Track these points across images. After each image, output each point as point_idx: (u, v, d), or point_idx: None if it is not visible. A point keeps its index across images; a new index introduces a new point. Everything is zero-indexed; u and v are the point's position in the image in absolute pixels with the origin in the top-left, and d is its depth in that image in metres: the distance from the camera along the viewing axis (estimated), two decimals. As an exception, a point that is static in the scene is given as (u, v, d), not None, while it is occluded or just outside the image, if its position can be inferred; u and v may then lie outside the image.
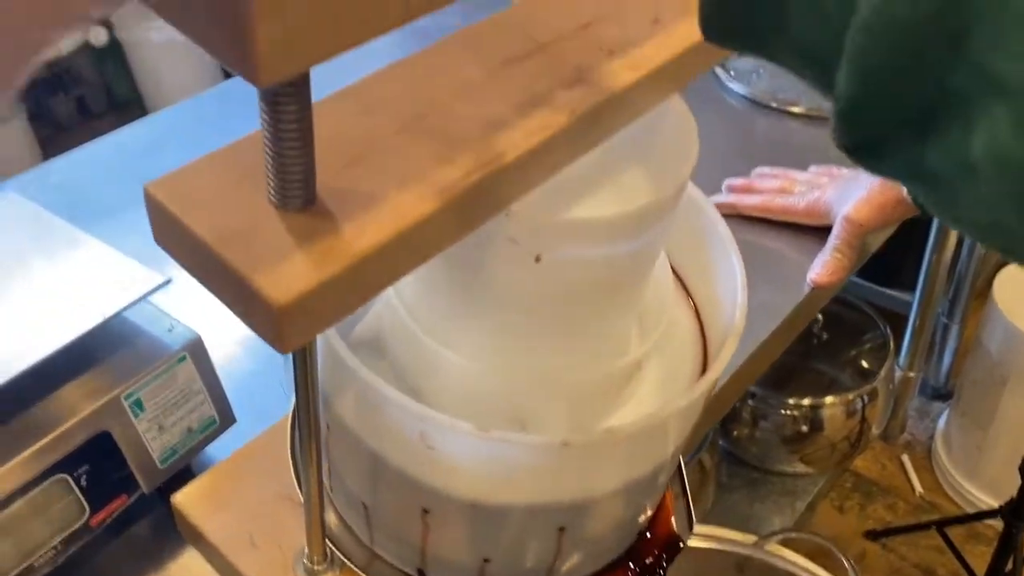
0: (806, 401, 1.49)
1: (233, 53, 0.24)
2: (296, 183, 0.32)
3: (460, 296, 0.43)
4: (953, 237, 1.56)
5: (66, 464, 0.59)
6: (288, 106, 0.29)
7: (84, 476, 0.60)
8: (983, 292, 1.67)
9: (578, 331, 0.45)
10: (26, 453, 0.57)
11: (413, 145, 0.36)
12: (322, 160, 0.33)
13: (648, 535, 0.54)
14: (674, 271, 0.53)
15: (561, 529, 0.47)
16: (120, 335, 0.63)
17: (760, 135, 1.04)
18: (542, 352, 0.45)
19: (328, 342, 0.43)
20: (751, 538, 0.75)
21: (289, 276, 0.31)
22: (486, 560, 0.49)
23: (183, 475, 0.65)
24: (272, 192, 0.32)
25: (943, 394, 1.89)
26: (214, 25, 0.24)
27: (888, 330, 1.60)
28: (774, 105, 1.06)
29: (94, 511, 0.61)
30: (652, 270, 0.46)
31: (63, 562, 0.60)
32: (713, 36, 0.28)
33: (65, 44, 2.39)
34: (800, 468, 1.55)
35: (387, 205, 0.33)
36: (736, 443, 1.56)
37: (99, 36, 2.40)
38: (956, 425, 1.72)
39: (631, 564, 0.55)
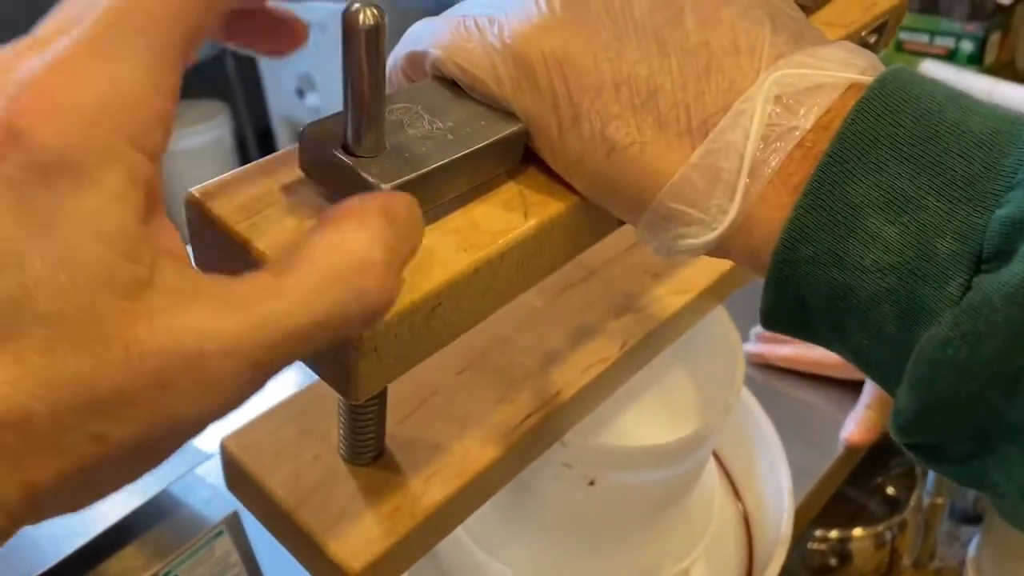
0: (833, 534, 1.46)
1: (333, 380, 0.25)
2: (368, 443, 0.32)
3: (513, 512, 0.44)
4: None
5: (103, 647, 0.58)
6: (371, 404, 0.30)
7: (120, 658, 0.59)
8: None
9: (627, 546, 0.45)
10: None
11: (474, 386, 0.37)
12: (389, 405, 0.34)
13: None
14: (723, 467, 0.54)
15: None
16: (160, 509, 0.63)
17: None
18: (591, 568, 0.44)
19: None
20: None
21: (362, 541, 0.31)
22: None
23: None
24: (343, 449, 0.33)
25: (972, 517, 1.85)
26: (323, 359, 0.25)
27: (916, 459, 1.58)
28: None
29: None
30: (698, 481, 0.47)
31: None
32: (768, 327, 0.28)
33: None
34: (829, 600, 1.52)
35: (451, 456, 0.34)
36: None
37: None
38: (988, 555, 1.68)
39: None
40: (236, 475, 0.34)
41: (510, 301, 0.28)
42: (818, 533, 1.47)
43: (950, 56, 1.37)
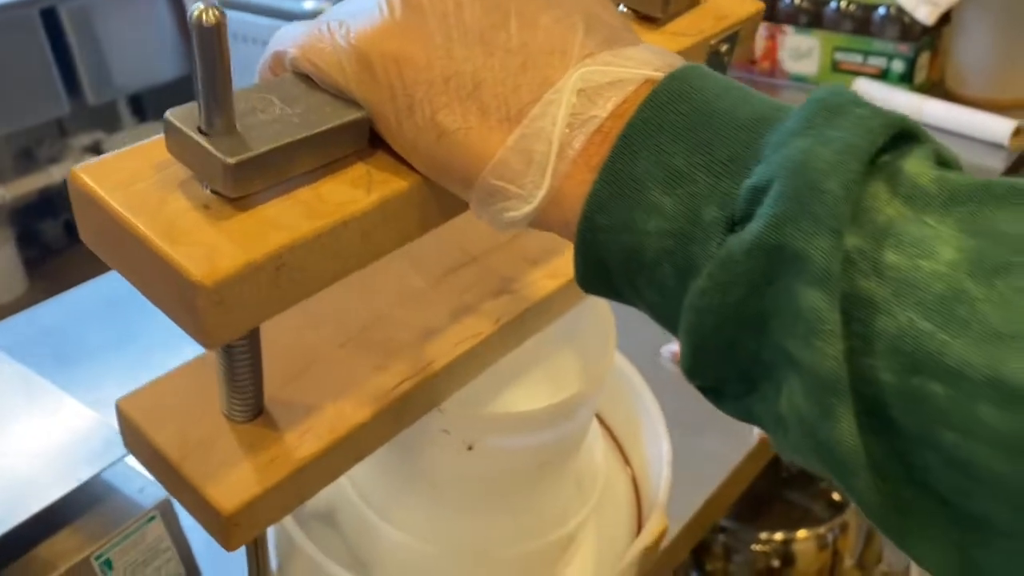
0: (778, 536, 1.50)
1: (187, 325, 0.28)
2: (247, 401, 0.36)
3: (400, 477, 0.47)
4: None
5: (35, 625, 0.61)
6: (240, 352, 0.33)
7: (52, 636, 0.62)
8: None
9: (512, 508, 0.49)
10: (-5, 616, 0.59)
11: (353, 357, 0.41)
12: (269, 373, 0.37)
13: None
14: (612, 436, 0.58)
15: None
16: (93, 495, 0.66)
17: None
18: (478, 529, 0.48)
19: (287, 535, 0.47)
20: None
21: (237, 487, 0.35)
22: None
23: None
24: (225, 406, 0.37)
25: (917, 523, 1.90)
26: (170, 302, 0.29)
27: (856, 462, 1.63)
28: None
29: (60, 670, 0.63)
30: (582, 444, 0.51)
31: None
32: (585, 290, 0.33)
33: (57, 172, 2.47)
34: (774, 602, 1.56)
35: (325, 415, 0.38)
36: (709, 576, 1.57)
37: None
38: (929, 556, 1.73)
39: None
40: (131, 434, 0.37)
41: (362, 267, 0.32)
42: (763, 536, 1.51)
43: (882, 75, 1.43)
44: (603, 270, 0.31)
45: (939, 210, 0.27)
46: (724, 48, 0.46)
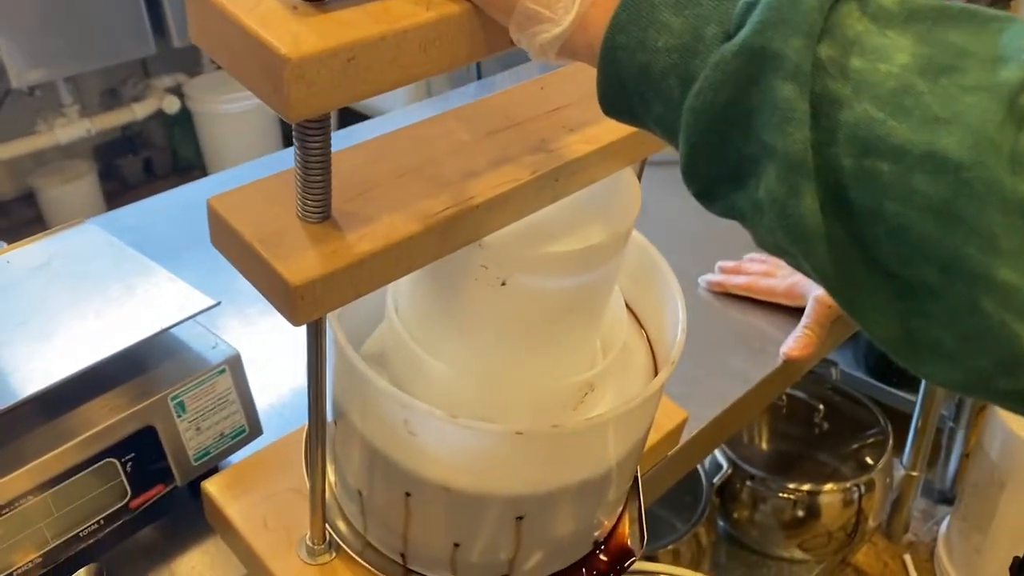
0: (805, 487, 1.55)
1: (273, 100, 0.35)
2: (317, 201, 0.43)
3: (442, 311, 0.54)
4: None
5: (115, 450, 0.69)
6: (314, 139, 0.40)
7: (130, 463, 0.70)
8: (988, 399, 1.73)
9: (539, 348, 0.55)
10: (84, 436, 0.67)
11: (407, 185, 0.47)
12: (338, 191, 0.44)
13: (604, 546, 0.63)
14: (631, 310, 0.64)
15: (519, 518, 0.56)
16: (172, 348, 0.75)
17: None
18: (508, 364, 0.55)
19: (339, 347, 0.54)
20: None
21: (303, 266, 0.42)
22: (456, 545, 0.58)
23: (211, 475, 0.75)
24: (299, 208, 0.44)
25: (949, 498, 1.93)
26: (261, 80, 0.36)
27: (889, 427, 1.67)
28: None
29: (134, 495, 0.71)
30: (607, 303, 0.57)
31: (102, 538, 0.70)
32: (606, 113, 0.39)
33: (140, 110, 2.59)
34: (797, 555, 1.60)
35: (380, 225, 0.45)
36: (736, 525, 1.62)
37: (172, 105, 2.61)
38: (957, 529, 1.76)
39: (585, 570, 0.63)
40: (217, 227, 0.45)
41: (419, 78, 0.39)
42: (791, 485, 1.56)
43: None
44: (621, 88, 0.37)
45: (900, 26, 0.32)
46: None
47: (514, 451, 0.52)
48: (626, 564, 0.64)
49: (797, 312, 0.96)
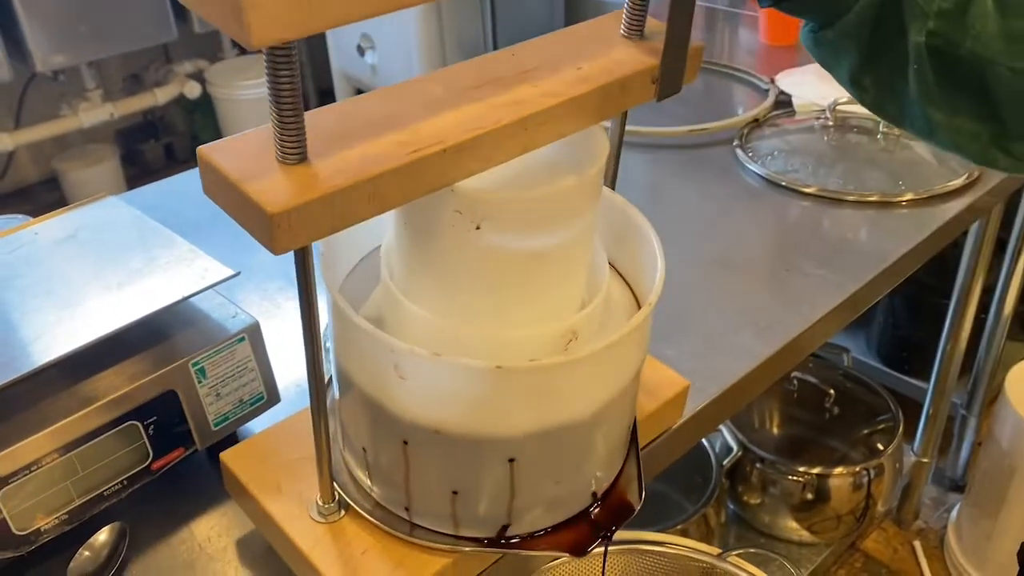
0: (814, 470, 1.56)
1: (232, 27, 0.38)
2: (293, 140, 0.46)
3: (421, 258, 0.57)
4: (967, 329, 1.64)
5: (138, 413, 0.71)
6: (283, 69, 0.43)
7: (152, 426, 0.73)
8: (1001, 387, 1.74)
9: (519, 297, 0.57)
10: (108, 399, 0.70)
11: (380, 132, 0.50)
12: (312, 139, 0.48)
13: (603, 501, 0.65)
14: (619, 272, 0.66)
15: (511, 461, 0.58)
16: (194, 317, 0.77)
17: (772, 210, 1.16)
18: (487, 311, 0.57)
19: (333, 303, 0.56)
20: (715, 550, 0.84)
21: (280, 198, 0.45)
22: (455, 492, 0.60)
23: (230, 441, 0.78)
24: (278, 151, 0.47)
25: (960, 486, 1.93)
26: (220, 8, 0.38)
27: (900, 413, 1.68)
28: (784, 184, 1.18)
29: (156, 457, 0.73)
30: (586, 257, 0.59)
31: (124, 497, 0.72)
32: None
33: (161, 95, 2.63)
34: (807, 537, 1.62)
35: (354, 163, 0.48)
36: (745, 507, 1.63)
37: (193, 90, 2.64)
38: (967, 515, 1.77)
39: (584, 523, 0.65)
40: (207, 173, 0.48)
41: (383, 11, 0.41)
42: (800, 468, 1.58)
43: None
44: None
45: None
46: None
47: (497, 389, 0.54)
48: (625, 516, 0.65)
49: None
